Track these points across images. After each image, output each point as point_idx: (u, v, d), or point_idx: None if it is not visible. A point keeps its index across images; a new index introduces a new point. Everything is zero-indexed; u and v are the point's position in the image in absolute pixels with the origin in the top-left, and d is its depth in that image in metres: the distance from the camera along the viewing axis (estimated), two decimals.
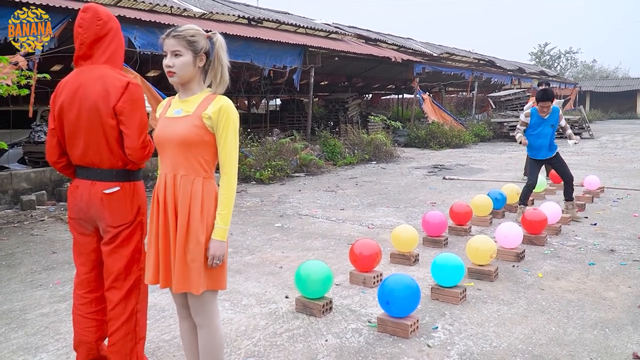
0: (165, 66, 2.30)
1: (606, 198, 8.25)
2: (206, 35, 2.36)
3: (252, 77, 16.67)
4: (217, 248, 2.30)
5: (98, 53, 2.60)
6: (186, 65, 2.29)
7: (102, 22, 2.58)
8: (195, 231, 2.27)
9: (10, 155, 9.60)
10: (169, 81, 2.34)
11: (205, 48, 2.33)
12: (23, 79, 6.04)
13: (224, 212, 2.30)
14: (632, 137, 21.86)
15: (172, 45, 2.28)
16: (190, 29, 2.32)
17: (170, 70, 2.29)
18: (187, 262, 2.28)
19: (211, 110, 2.28)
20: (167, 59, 2.29)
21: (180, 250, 2.28)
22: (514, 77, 26.05)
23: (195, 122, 2.28)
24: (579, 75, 55.13)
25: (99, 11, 2.60)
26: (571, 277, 4.61)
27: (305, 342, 3.34)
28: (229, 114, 2.29)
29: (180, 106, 2.35)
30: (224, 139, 2.30)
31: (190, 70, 2.31)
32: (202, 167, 2.31)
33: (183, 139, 2.27)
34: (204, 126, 2.28)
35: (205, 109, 2.28)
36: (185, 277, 2.28)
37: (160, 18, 9.93)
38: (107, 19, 2.62)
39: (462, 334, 3.47)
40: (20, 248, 5.59)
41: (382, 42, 19.70)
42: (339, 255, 5.25)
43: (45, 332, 3.49)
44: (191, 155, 2.30)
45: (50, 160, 2.72)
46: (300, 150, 11.47)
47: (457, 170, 12.00)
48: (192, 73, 2.32)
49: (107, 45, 2.62)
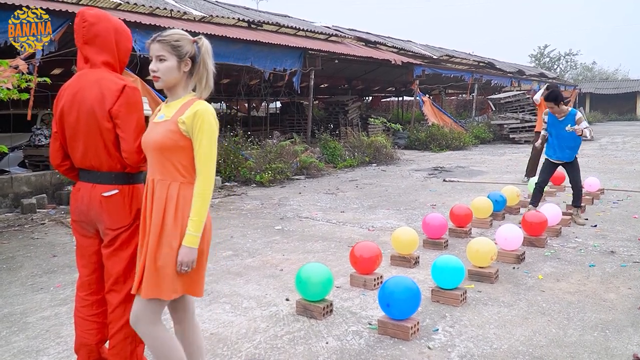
0: (150, 71, 2.32)
1: (606, 200, 8.26)
2: (192, 40, 2.36)
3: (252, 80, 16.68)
4: (185, 254, 2.26)
5: (92, 56, 2.59)
6: (170, 70, 2.31)
7: (88, 24, 2.56)
8: (168, 236, 2.27)
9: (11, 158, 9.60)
10: (155, 86, 2.36)
11: (191, 53, 2.35)
12: (23, 82, 6.05)
13: (196, 219, 2.26)
14: (632, 138, 21.87)
15: (156, 50, 2.30)
16: (175, 34, 2.33)
17: (155, 74, 2.32)
18: (157, 267, 2.26)
19: (186, 115, 2.28)
20: (152, 64, 2.32)
21: (152, 255, 2.27)
22: (514, 79, 26.07)
23: (171, 127, 2.29)
24: (579, 77, 55.17)
25: (85, 14, 2.58)
26: (571, 278, 4.61)
27: (306, 344, 3.34)
28: (204, 119, 2.27)
29: (164, 111, 2.38)
30: (198, 144, 2.28)
31: (175, 74, 2.33)
32: (178, 172, 2.31)
33: (157, 143, 2.30)
34: (179, 131, 2.28)
35: (182, 114, 2.29)
36: (155, 282, 2.27)
37: (160, 21, 9.95)
38: (94, 20, 2.58)
39: (463, 336, 3.47)
40: (20, 251, 5.60)
41: (381, 44, 19.72)
42: (340, 257, 5.25)
43: (46, 336, 3.49)
44: (167, 160, 2.30)
45: (54, 163, 2.73)
46: (301, 152, 11.48)
47: (457, 172, 12.01)
48: (176, 78, 2.34)
49: (99, 48, 2.59)
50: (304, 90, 15.26)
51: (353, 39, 18.52)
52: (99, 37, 2.59)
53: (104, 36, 2.60)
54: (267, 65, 12.29)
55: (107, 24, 2.62)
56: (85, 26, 2.57)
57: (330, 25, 19.30)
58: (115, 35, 2.64)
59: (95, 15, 2.60)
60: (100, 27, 2.60)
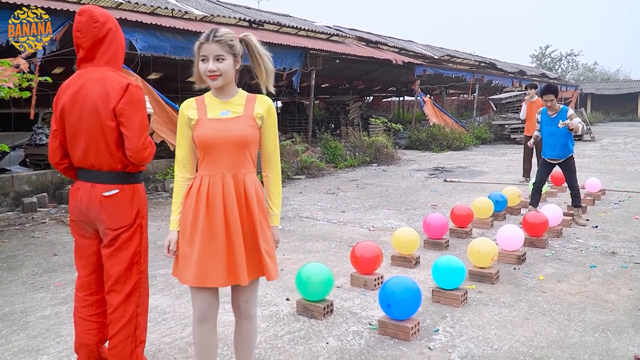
0: (208, 71, 2.33)
1: (607, 200, 8.25)
2: (239, 38, 2.42)
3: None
4: (277, 233, 2.56)
5: (98, 55, 2.60)
6: (230, 68, 2.37)
7: (99, 24, 2.57)
8: (261, 222, 2.44)
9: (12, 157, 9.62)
10: (210, 84, 2.39)
11: (242, 51, 2.43)
12: (24, 81, 6.05)
13: (277, 201, 2.55)
14: (634, 139, 21.84)
15: (214, 50, 2.33)
16: (228, 33, 2.38)
17: (215, 74, 2.34)
18: (262, 252, 2.41)
19: (261, 109, 2.44)
20: (210, 64, 2.33)
21: (253, 242, 2.40)
22: (515, 80, 26.05)
23: (251, 122, 2.41)
24: (580, 78, 55.12)
25: (94, 13, 2.57)
26: (572, 279, 4.60)
27: (306, 344, 3.34)
28: (274, 112, 2.50)
29: (224, 107, 2.42)
30: (272, 134, 2.49)
31: (232, 73, 2.40)
32: (252, 163, 2.47)
33: (242, 139, 2.38)
34: (257, 125, 2.43)
35: (255, 109, 2.43)
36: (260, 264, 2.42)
37: (161, 21, 9.95)
38: (104, 20, 2.59)
39: (463, 336, 3.46)
40: (21, 250, 5.60)
41: (383, 44, 19.71)
42: (340, 257, 5.25)
43: (46, 335, 3.49)
44: (247, 153, 2.43)
45: (53, 161, 2.72)
46: (301, 152, 11.48)
47: (458, 172, 12.00)
48: (232, 76, 2.41)
49: (107, 47, 2.61)
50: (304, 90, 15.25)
51: (354, 39, 18.51)
52: (108, 35, 2.61)
53: (112, 35, 2.63)
54: None
55: (113, 23, 2.65)
56: (97, 26, 2.57)
57: (332, 25, 19.29)
58: (117, 34, 2.66)
59: (103, 14, 2.62)
60: (110, 26, 2.62)
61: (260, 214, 2.43)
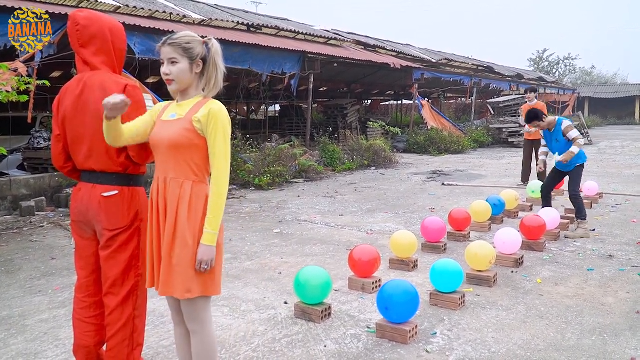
0: (163, 74, 2.32)
1: (605, 204, 8.27)
2: (202, 41, 2.37)
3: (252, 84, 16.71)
4: (204, 253, 2.27)
5: (90, 58, 2.60)
6: (183, 72, 2.31)
7: (81, 27, 2.56)
8: (182, 234, 2.27)
9: (10, 161, 9.60)
10: (168, 89, 2.36)
11: (202, 54, 2.35)
12: (22, 85, 6.05)
13: (212, 217, 2.28)
14: (631, 142, 21.90)
15: (168, 53, 2.30)
16: (185, 36, 2.33)
17: (168, 78, 2.31)
18: (172, 265, 2.28)
19: (201, 113, 2.29)
20: (164, 67, 2.31)
21: (166, 253, 2.30)
22: (513, 83, 26.13)
23: (186, 126, 2.29)
24: (578, 82, 55.28)
25: (76, 18, 2.58)
26: (570, 282, 4.61)
27: (304, 348, 3.34)
28: (218, 117, 2.29)
29: (175, 110, 2.38)
30: (212, 142, 2.30)
31: (188, 76, 2.33)
32: (192, 170, 2.32)
33: (173, 142, 2.30)
34: (194, 129, 2.29)
35: (196, 113, 2.30)
36: (169, 280, 2.30)
37: (160, 24, 9.97)
38: (87, 23, 2.58)
39: (461, 339, 3.47)
40: (19, 254, 5.59)
41: (381, 48, 19.77)
42: (338, 261, 5.25)
43: (44, 338, 3.49)
44: (181, 159, 2.31)
45: (57, 165, 2.74)
46: (300, 156, 11.49)
47: (456, 176, 12.02)
48: (189, 79, 2.34)
49: (96, 50, 2.60)
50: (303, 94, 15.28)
51: (352, 43, 18.56)
52: (94, 39, 2.60)
53: (100, 37, 2.61)
54: (265, 69, 12.32)
55: (101, 24, 2.62)
56: (79, 29, 2.57)
57: (330, 29, 19.34)
58: (110, 36, 2.64)
59: (87, 17, 2.60)
60: (95, 29, 2.60)
61: (187, 227, 2.27)
